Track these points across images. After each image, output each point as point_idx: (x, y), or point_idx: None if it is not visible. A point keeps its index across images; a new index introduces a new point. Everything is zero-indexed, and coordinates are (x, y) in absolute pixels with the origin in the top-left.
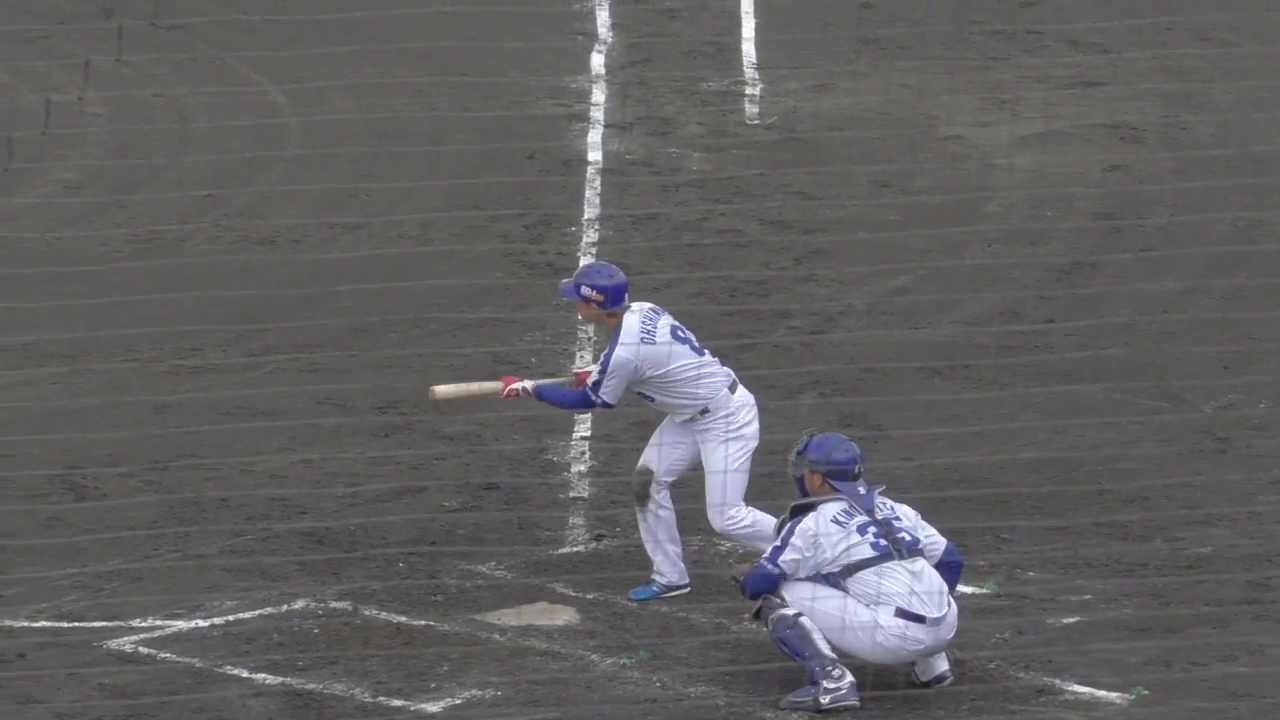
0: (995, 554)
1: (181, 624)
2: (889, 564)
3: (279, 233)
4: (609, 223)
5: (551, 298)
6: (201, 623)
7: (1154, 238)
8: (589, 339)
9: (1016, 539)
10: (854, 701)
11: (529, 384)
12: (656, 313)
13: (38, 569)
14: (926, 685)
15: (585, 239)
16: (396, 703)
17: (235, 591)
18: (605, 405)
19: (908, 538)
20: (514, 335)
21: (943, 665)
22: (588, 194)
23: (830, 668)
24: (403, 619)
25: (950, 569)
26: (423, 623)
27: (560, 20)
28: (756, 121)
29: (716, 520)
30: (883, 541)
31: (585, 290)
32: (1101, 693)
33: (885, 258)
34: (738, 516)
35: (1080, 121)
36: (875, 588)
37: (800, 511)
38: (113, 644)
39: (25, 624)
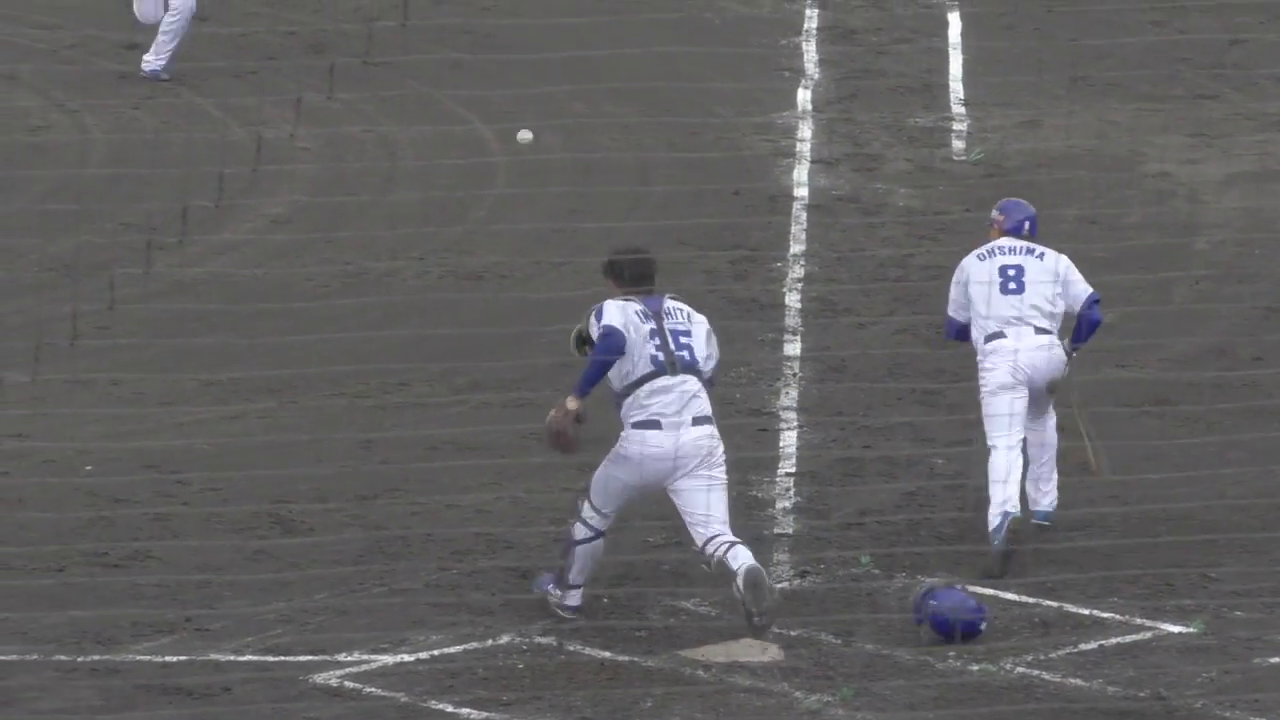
0: (1202, 594)
1: (387, 659)
2: (660, 380)
3: (486, 269)
4: (814, 259)
5: (758, 334)
6: (407, 657)
7: None
8: (795, 374)
9: (1224, 579)
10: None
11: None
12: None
13: (245, 603)
14: (746, 595)
15: (791, 275)
16: None
17: (440, 626)
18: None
19: (686, 356)
20: (719, 372)
21: (745, 557)
22: (794, 230)
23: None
24: (607, 654)
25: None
26: (627, 659)
27: (768, 58)
28: (964, 158)
29: None
30: (660, 356)
31: None
32: None
33: None
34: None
35: None
36: (639, 402)
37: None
38: (318, 678)
39: (231, 658)
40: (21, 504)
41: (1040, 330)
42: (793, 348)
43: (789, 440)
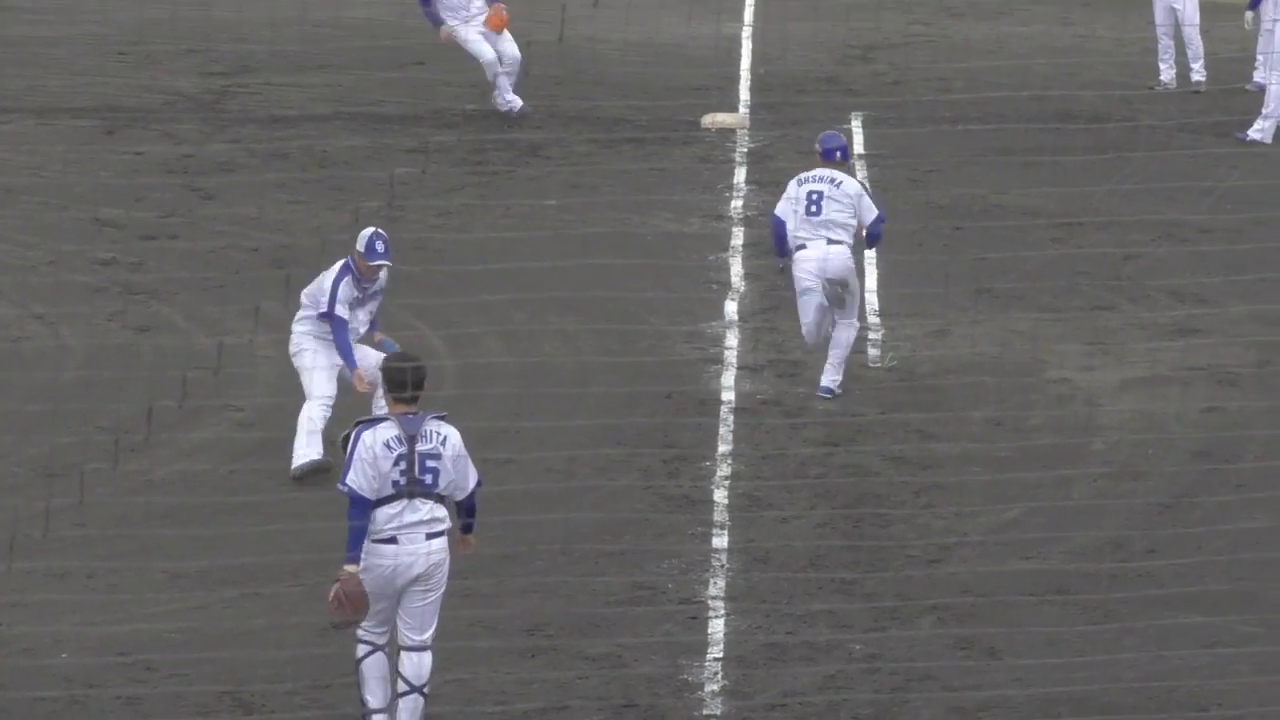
0: None
1: None
2: (400, 501)
3: None
4: (741, 458)
5: (688, 528)
6: None
7: (1249, 476)
8: (722, 565)
9: None
10: None
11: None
12: None
13: None
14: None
15: (719, 473)
16: None
17: None
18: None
19: (428, 480)
20: (651, 563)
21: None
22: (721, 431)
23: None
24: None
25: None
26: None
27: (698, 271)
28: (878, 364)
29: None
30: (403, 481)
31: None
32: None
33: (998, 493)
34: None
35: (1180, 366)
36: (377, 522)
37: (363, 424)
38: None
39: None
40: (1, 687)
41: (832, 241)
42: (721, 540)
43: (717, 627)
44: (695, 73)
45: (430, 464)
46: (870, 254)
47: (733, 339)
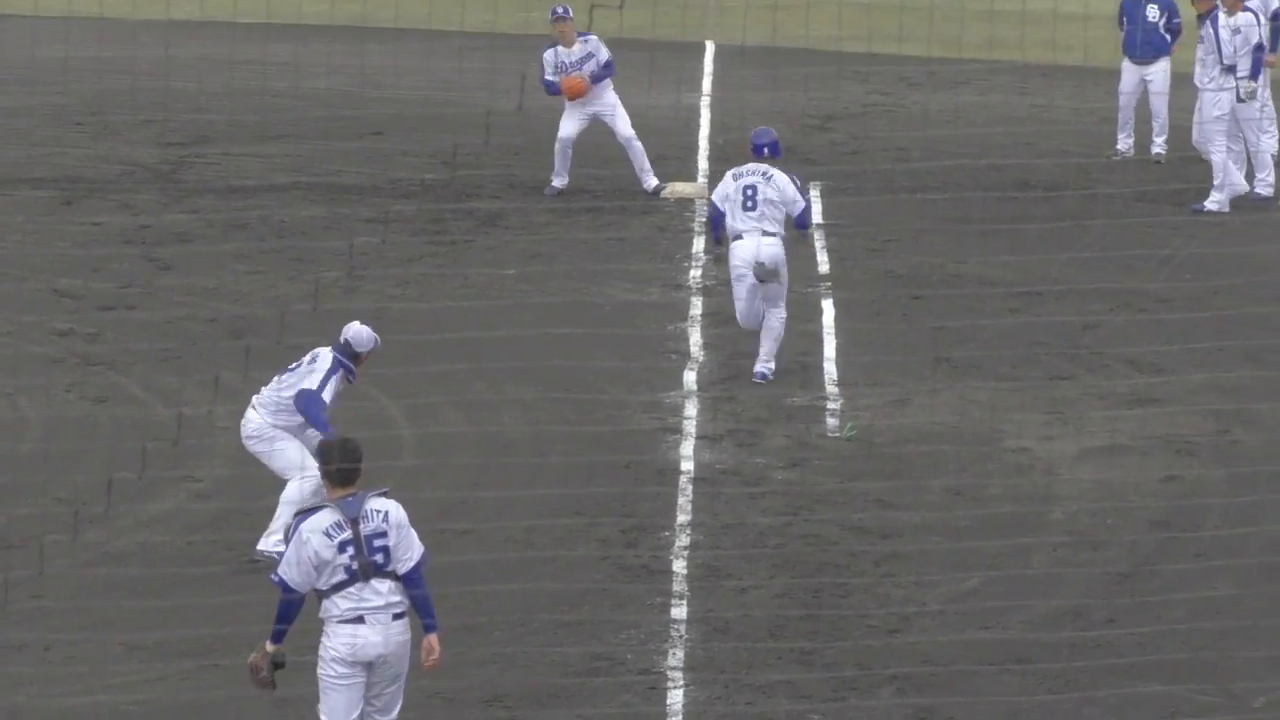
0: None
1: None
2: (354, 586)
3: None
4: (700, 528)
5: (647, 598)
6: None
7: (1207, 545)
8: (681, 636)
9: None
10: None
11: None
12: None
13: None
14: None
15: (678, 543)
16: None
17: None
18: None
19: (380, 559)
20: (610, 634)
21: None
22: (680, 501)
23: None
24: None
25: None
26: None
27: (656, 341)
28: (837, 434)
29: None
30: (354, 565)
31: None
32: None
33: (958, 562)
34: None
35: (1139, 435)
36: (338, 607)
37: (302, 515)
38: None
39: None
40: None
41: (766, 234)
42: (680, 611)
43: (676, 698)
44: (654, 142)
45: (378, 543)
46: (828, 323)
47: (691, 409)
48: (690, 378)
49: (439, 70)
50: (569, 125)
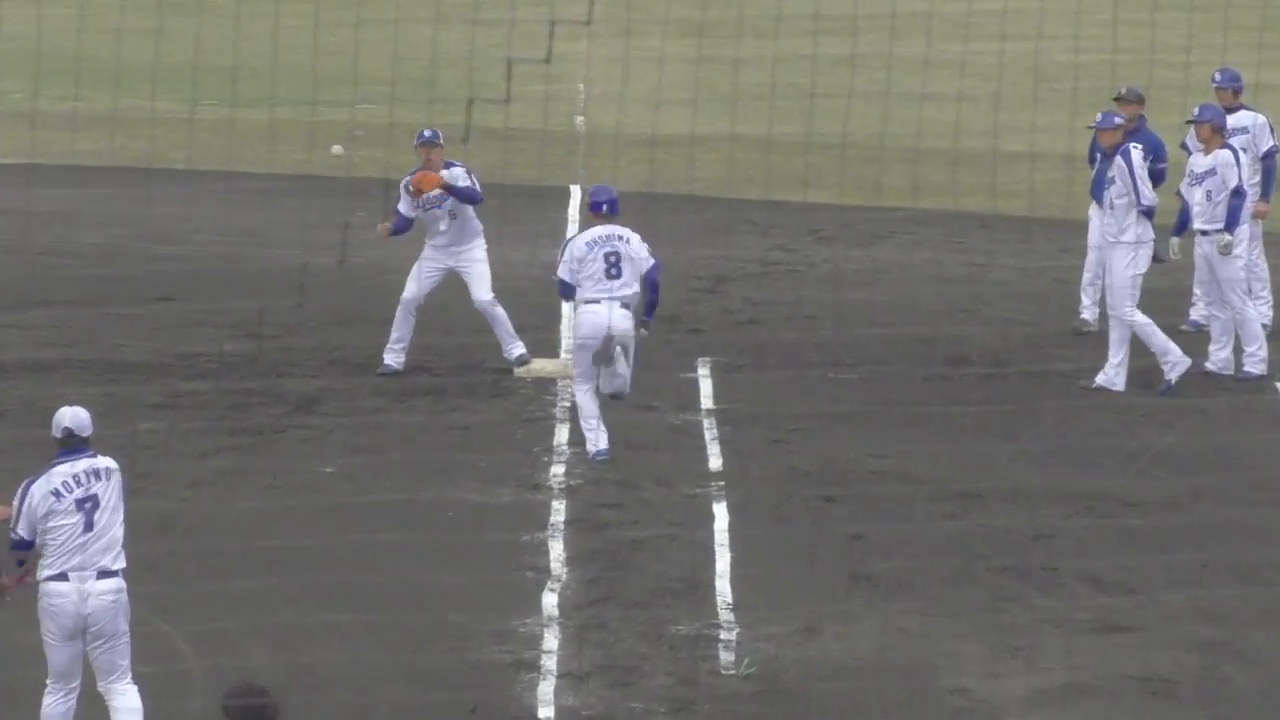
0: None
1: None
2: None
3: None
4: None
5: None
6: None
7: None
8: None
9: None
10: None
11: None
12: None
13: None
14: None
15: None
16: None
17: None
18: None
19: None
20: None
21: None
22: None
23: None
24: None
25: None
26: None
27: (508, 553)
28: (733, 671)
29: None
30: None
31: None
32: None
33: None
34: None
35: (1105, 673)
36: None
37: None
38: None
39: None
40: None
41: (624, 304)
42: None
43: None
44: (508, 306)
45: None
46: (720, 531)
47: (551, 640)
48: (550, 600)
49: (242, 219)
50: (416, 284)
